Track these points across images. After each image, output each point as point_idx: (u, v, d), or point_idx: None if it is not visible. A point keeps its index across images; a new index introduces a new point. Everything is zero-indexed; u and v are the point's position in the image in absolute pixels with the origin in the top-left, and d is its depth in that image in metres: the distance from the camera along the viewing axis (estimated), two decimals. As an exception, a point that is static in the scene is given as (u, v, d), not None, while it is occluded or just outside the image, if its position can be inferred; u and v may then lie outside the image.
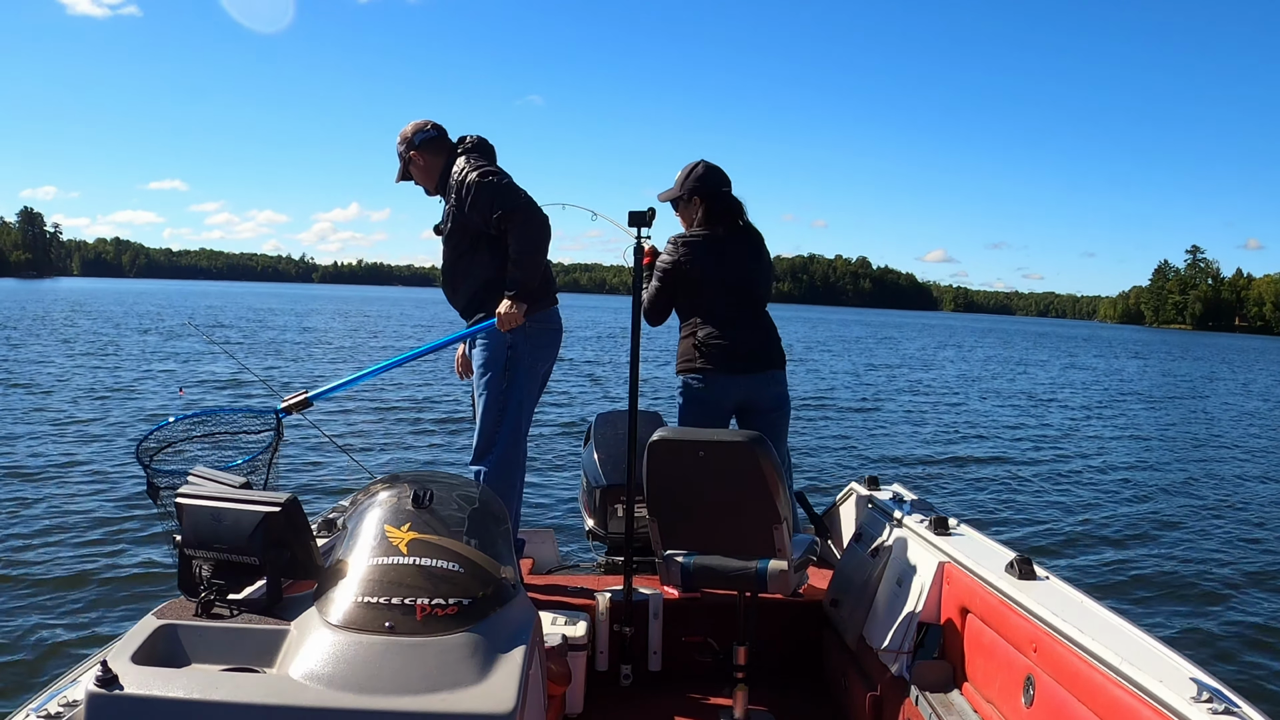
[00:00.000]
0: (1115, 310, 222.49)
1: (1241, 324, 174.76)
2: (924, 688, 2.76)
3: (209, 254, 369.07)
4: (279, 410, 3.40)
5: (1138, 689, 1.94)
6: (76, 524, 7.66)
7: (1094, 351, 55.52)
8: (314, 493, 8.46)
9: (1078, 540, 9.02)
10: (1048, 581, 2.60)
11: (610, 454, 4.19)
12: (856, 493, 3.99)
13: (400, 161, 3.95)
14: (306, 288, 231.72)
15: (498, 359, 3.74)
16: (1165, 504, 11.11)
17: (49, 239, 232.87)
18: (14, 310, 46.28)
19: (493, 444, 3.76)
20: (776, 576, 2.95)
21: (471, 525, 2.24)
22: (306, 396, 3.49)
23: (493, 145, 3.97)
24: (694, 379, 3.88)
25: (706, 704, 3.43)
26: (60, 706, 1.90)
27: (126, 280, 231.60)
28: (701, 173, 3.97)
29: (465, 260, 3.84)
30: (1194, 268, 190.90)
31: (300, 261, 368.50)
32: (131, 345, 27.01)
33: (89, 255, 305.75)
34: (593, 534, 4.23)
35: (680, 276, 3.90)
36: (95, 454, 10.58)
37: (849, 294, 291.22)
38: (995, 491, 11.23)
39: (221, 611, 2.00)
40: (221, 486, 2.11)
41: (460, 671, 1.83)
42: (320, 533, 2.56)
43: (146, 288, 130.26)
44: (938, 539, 3.07)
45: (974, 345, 56.60)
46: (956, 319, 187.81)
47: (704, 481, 2.93)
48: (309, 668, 1.81)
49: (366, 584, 1.99)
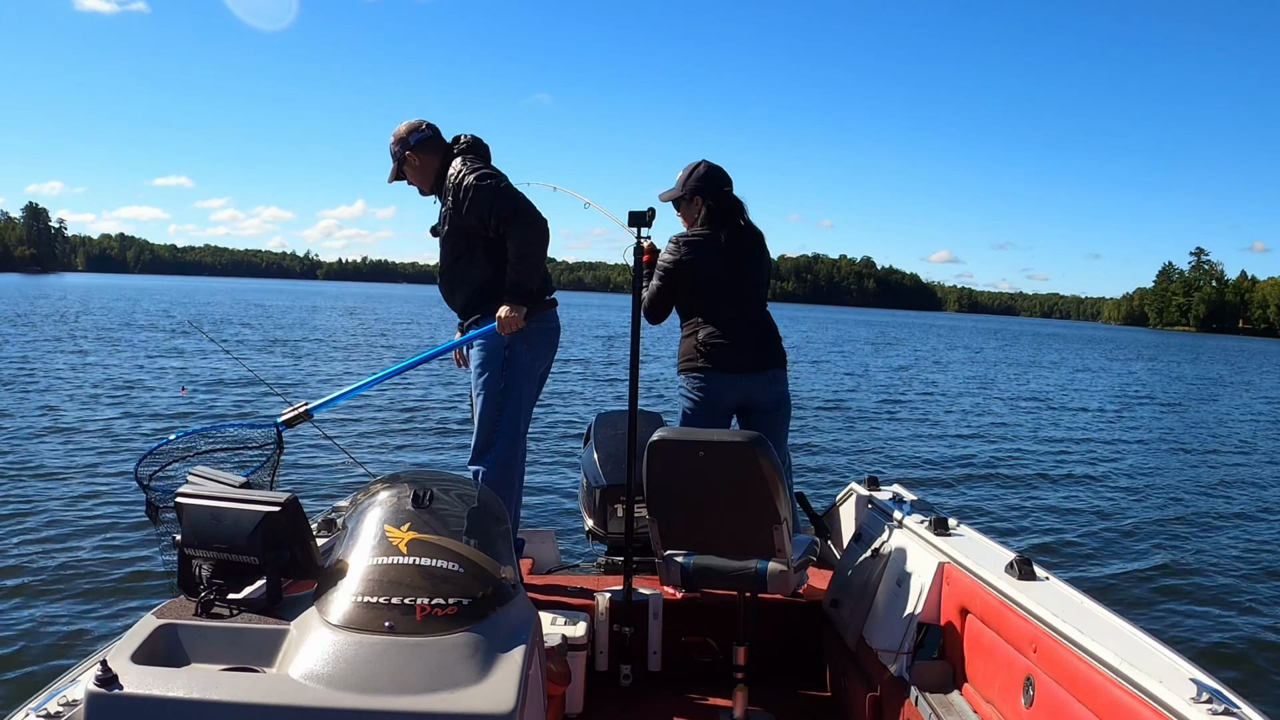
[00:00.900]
0: (1119, 312, 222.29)
1: (1245, 326, 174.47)
2: (924, 688, 2.76)
3: (213, 250, 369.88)
4: (279, 423, 3.40)
5: (1138, 689, 1.94)
6: (77, 523, 7.65)
7: (1096, 353, 55.43)
8: (314, 493, 8.46)
9: (1078, 541, 9.01)
10: (1048, 582, 2.60)
11: (610, 454, 4.19)
12: (856, 493, 3.99)
13: (394, 161, 3.93)
14: (310, 284, 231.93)
15: (495, 358, 3.74)
16: (1165, 504, 11.09)
17: (53, 234, 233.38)
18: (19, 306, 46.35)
19: (491, 443, 3.76)
20: (776, 576, 2.96)
21: (471, 525, 2.25)
22: (307, 408, 3.49)
23: (487, 145, 3.96)
24: (695, 378, 3.88)
25: (706, 704, 3.43)
26: (60, 706, 1.90)
27: (130, 276, 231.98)
28: (703, 172, 3.97)
29: (462, 262, 3.84)
30: (1198, 270, 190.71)
31: (305, 258, 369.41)
32: (134, 342, 27.05)
33: (93, 251, 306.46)
34: (593, 534, 4.24)
35: (681, 276, 3.91)
36: (95, 454, 10.57)
37: (853, 294, 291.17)
38: (995, 492, 11.22)
39: (221, 611, 2.00)
40: (221, 486, 2.12)
41: (460, 671, 1.83)
42: (320, 533, 2.56)
43: (149, 284, 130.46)
44: (938, 539, 3.07)
45: (975, 346, 56.54)
46: (960, 319, 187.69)
47: (704, 481, 2.94)
48: (309, 668, 1.81)
49: (366, 584, 1.99)
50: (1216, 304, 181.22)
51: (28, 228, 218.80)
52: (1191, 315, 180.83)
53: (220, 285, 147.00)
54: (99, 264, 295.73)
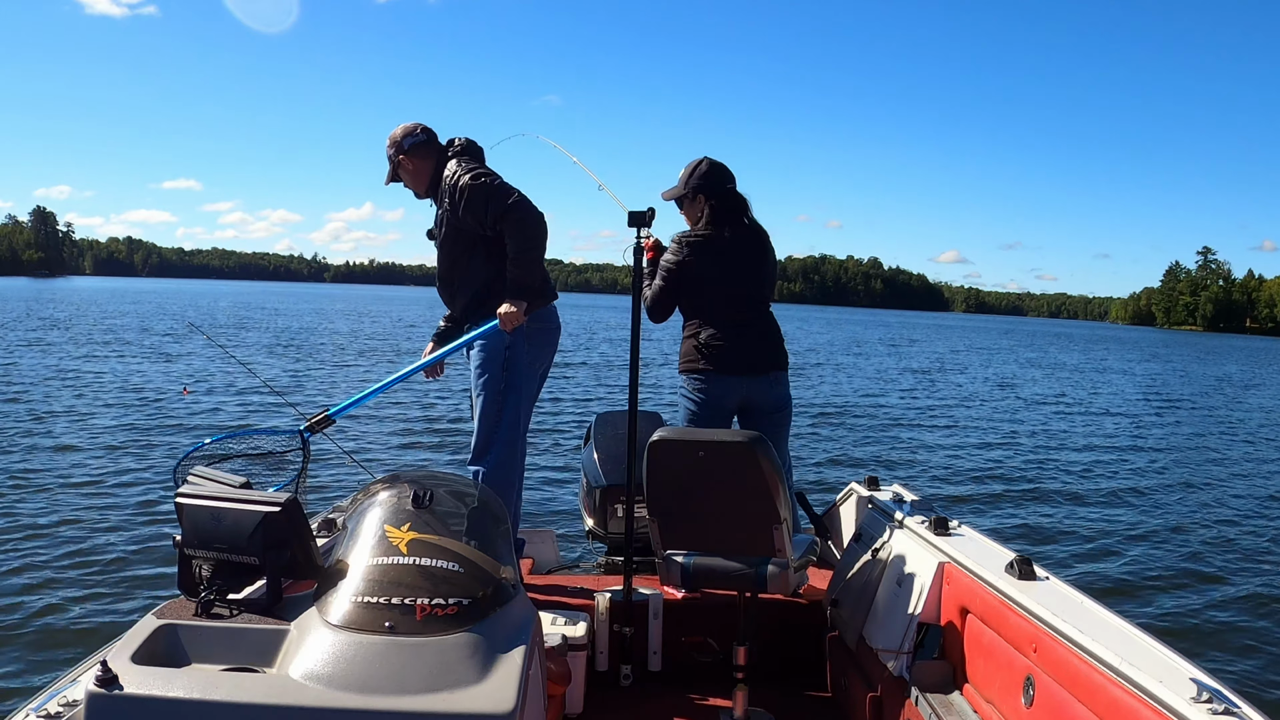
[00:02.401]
0: (1126, 311, 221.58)
1: (1253, 325, 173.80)
2: (924, 688, 2.76)
3: (221, 253, 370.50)
4: (303, 430, 3.46)
5: (1138, 689, 1.94)
6: (77, 524, 7.67)
7: (1099, 353, 55.22)
8: (314, 493, 8.46)
9: (1078, 540, 8.99)
10: (1048, 582, 2.59)
11: (610, 454, 4.20)
12: (857, 493, 3.99)
13: (389, 164, 3.97)
14: (317, 287, 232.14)
15: (495, 358, 3.74)
16: (1166, 504, 11.06)
17: (61, 238, 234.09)
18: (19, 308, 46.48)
19: (491, 443, 3.76)
20: (776, 576, 2.96)
21: (471, 525, 2.25)
22: (328, 414, 3.56)
23: (481, 148, 3.97)
24: (696, 379, 3.88)
25: (706, 704, 3.43)
26: (60, 706, 1.91)
27: (137, 280, 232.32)
28: (706, 170, 3.95)
29: (462, 264, 3.84)
30: (1205, 269, 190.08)
31: (312, 261, 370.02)
32: (139, 343, 27.11)
33: (101, 254, 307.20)
34: (593, 534, 4.24)
35: (684, 276, 3.90)
36: (96, 453, 10.60)
37: (860, 294, 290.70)
38: (996, 492, 11.20)
39: (221, 611, 2.00)
40: (221, 486, 2.12)
41: (460, 671, 1.83)
42: (320, 533, 2.57)
43: (155, 287, 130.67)
44: (938, 539, 3.06)
45: (976, 346, 56.38)
46: (966, 320, 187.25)
47: (704, 482, 2.94)
48: (309, 668, 1.81)
49: (366, 584, 1.99)
50: (1223, 303, 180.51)
51: (35, 231, 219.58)
52: (1198, 315, 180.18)
53: (226, 288, 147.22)
54: (106, 267, 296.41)
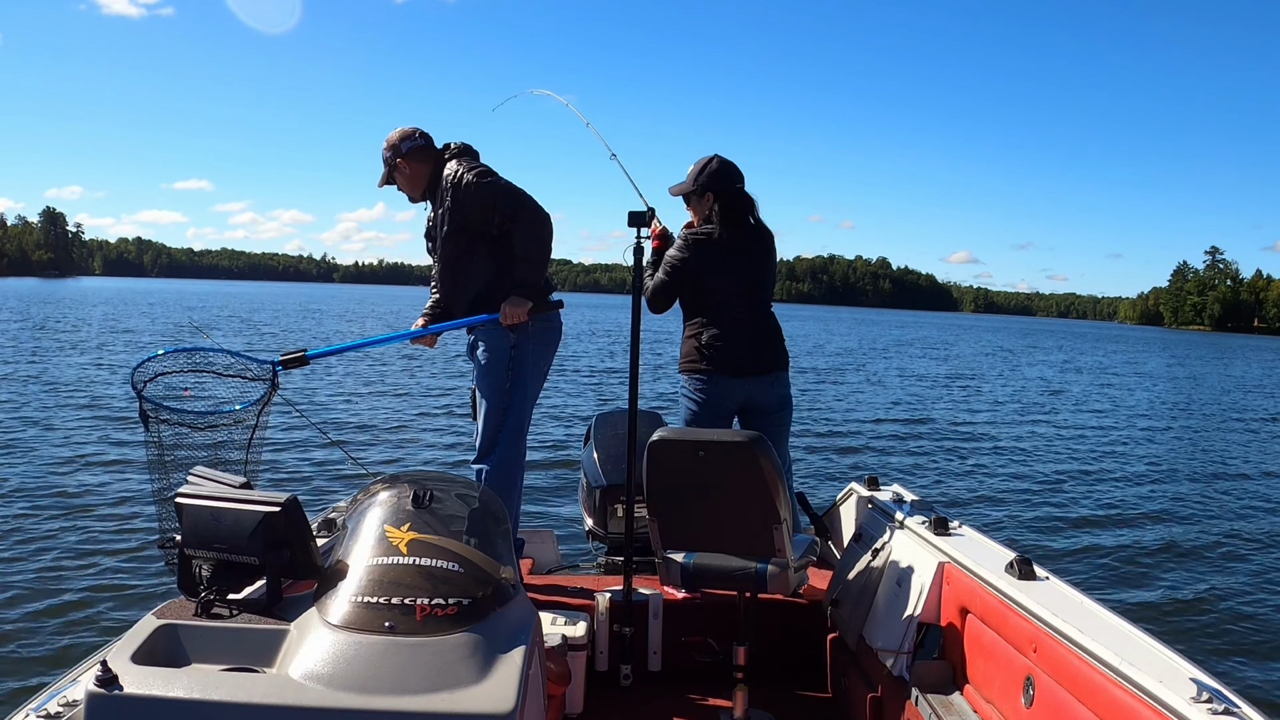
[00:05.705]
0: (1134, 311, 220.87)
1: (1260, 325, 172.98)
2: (924, 688, 2.76)
3: (230, 254, 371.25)
4: (276, 362, 3.40)
5: (1138, 689, 1.93)
6: (77, 523, 7.68)
7: (1100, 353, 55.00)
8: (314, 493, 8.49)
9: (1078, 540, 8.97)
10: (1048, 582, 2.59)
11: (610, 454, 4.20)
12: (857, 493, 3.98)
13: (385, 166, 3.96)
14: (326, 287, 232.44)
15: (501, 358, 3.74)
16: (1166, 504, 11.03)
17: (71, 238, 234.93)
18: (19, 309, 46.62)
19: (496, 443, 3.76)
20: (776, 576, 2.96)
21: (471, 525, 2.26)
22: (305, 354, 3.51)
23: (477, 151, 3.98)
24: (697, 380, 3.87)
25: (706, 704, 3.43)
26: (60, 706, 1.92)
27: (146, 280, 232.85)
28: (715, 169, 3.93)
29: (464, 263, 3.84)
30: (1213, 269, 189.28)
31: (321, 261, 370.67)
32: (140, 344, 27.14)
33: (111, 255, 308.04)
34: (593, 534, 4.24)
35: (688, 275, 3.90)
36: (95, 453, 10.63)
37: (869, 294, 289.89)
38: (995, 491, 11.19)
39: (221, 611, 2.01)
40: (221, 486, 2.13)
41: (460, 671, 1.84)
42: (320, 533, 2.57)
43: (164, 287, 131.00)
44: (938, 539, 3.06)
45: (978, 345, 56.24)
46: (974, 320, 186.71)
47: (704, 481, 2.94)
48: (309, 668, 1.81)
49: (366, 584, 2.00)
50: (1231, 303, 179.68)
51: (45, 232, 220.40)
52: (1206, 314, 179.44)
53: (234, 289, 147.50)
54: (116, 268, 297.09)
